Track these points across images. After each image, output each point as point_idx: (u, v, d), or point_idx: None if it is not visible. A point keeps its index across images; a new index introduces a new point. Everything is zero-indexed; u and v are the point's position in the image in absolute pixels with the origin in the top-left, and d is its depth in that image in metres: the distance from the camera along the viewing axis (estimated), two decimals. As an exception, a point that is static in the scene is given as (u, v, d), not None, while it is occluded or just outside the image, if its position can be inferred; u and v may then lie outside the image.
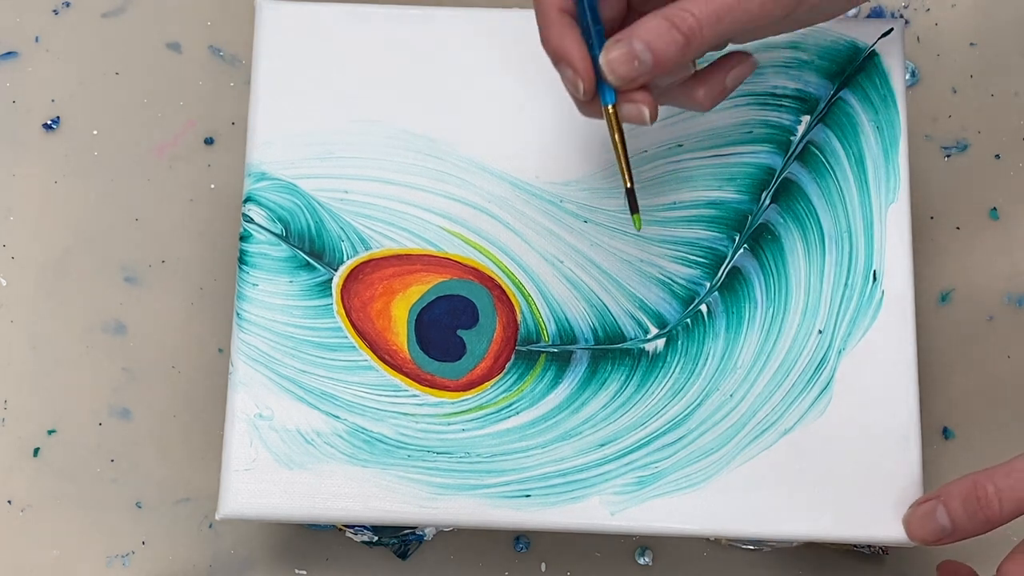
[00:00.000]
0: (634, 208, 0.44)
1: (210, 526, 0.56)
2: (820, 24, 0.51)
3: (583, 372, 0.49)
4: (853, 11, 0.60)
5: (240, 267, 0.50)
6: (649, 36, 0.41)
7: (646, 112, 0.42)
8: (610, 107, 0.43)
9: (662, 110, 0.51)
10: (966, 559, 0.49)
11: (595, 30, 0.42)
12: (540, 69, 0.46)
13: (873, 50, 0.51)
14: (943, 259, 0.58)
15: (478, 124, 0.51)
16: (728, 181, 0.51)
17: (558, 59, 0.43)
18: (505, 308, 0.50)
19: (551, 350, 0.49)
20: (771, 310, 0.49)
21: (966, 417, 0.57)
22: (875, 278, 0.50)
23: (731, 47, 0.45)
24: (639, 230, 0.46)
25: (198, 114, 0.60)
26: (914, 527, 0.46)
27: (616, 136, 0.43)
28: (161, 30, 0.61)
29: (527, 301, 0.50)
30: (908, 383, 0.49)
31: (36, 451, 0.57)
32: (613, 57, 0.41)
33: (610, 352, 0.49)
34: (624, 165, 0.44)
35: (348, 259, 0.50)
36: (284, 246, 0.50)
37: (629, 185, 0.44)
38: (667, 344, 0.49)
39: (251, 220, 0.50)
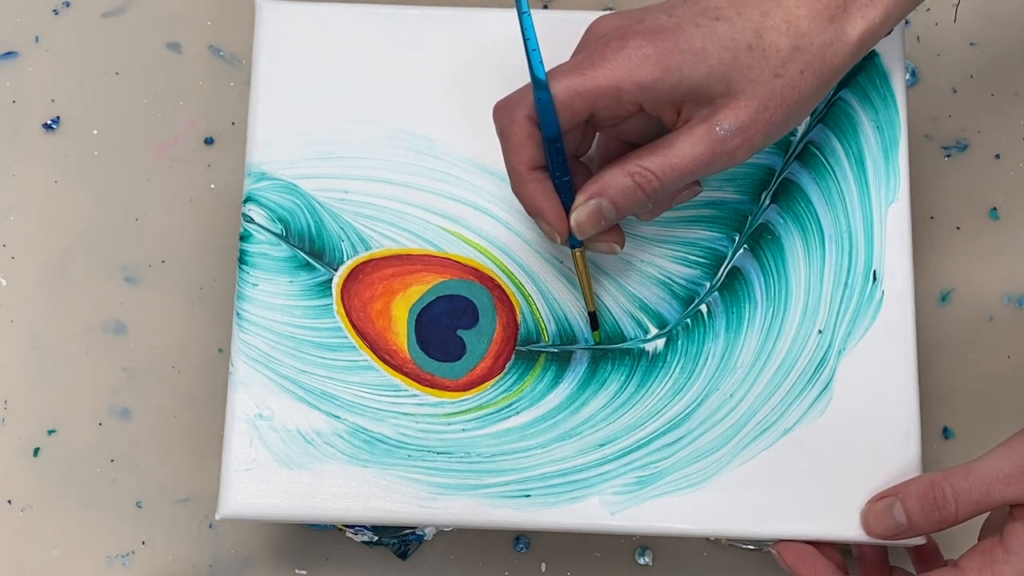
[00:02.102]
0: (594, 327, 0.49)
1: (210, 526, 0.56)
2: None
3: (583, 372, 0.49)
4: None
5: (240, 267, 0.50)
6: (616, 196, 0.44)
7: (615, 247, 0.47)
8: (577, 251, 0.47)
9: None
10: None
11: (563, 185, 0.45)
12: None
13: (873, 50, 0.51)
14: (943, 259, 0.58)
15: (478, 124, 0.51)
16: (728, 181, 0.51)
17: (533, 214, 0.46)
18: (505, 308, 0.50)
19: (551, 350, 0.49)
20: (771, 310, 0.49)
21: (966, 417, 0.57)
22: (875, 278, 0.50)
23: None
24: (598, 343, 0.49)
25: (198, 114, 0.60)
26: (871, 522, 0.47)
27: (582, 272, 0.48)
28: (161, 30, 0.61)
29: (527, 301, 0.50)
30: (908, 383, 0.49)
31: (36, 451, 0.57)
32: (583, 220, 0.45)
33: (610, 352, 0.49)
34: (588, 294, 0.48)
35: (348, 259, 0.50)
36: (284, 246, 0.50)
37: (592, 310, 0.49)
38: (667, 344, 0.49)
39: (251, 220, 0.50)
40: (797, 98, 0.44)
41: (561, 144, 0.44)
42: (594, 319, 0.49)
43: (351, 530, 0.54)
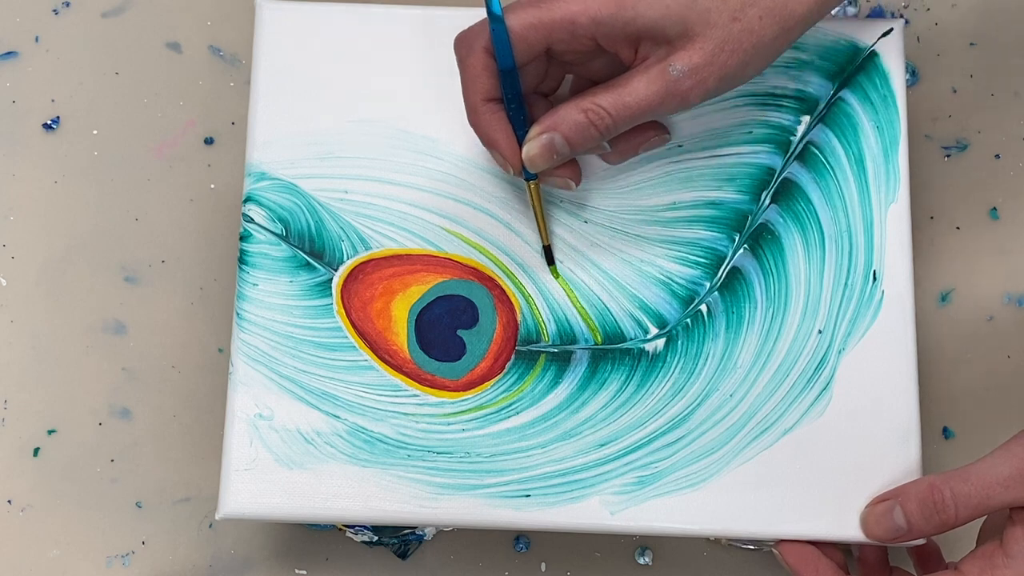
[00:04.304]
0: (550, 261, 0.50)
1: (210, 526, 0.56)
2: (820, 24, 0.51)
3: (583, 372, 0.49)
4: (838, 10, 0.60)
5: (240, 267, 0.50)
6: (568, 132, 0.45)
7: (570, 183, 0.48)
8: (531, 183, 0.48)
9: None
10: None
11: (517, 119, 0.46)
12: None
13: (873, 50, 0.51)
14: (943, 259, 0.58)
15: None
16: (728, 181, 0.51)
17: (487, 145, 0.47)
18: (505, 308, 0.50)
19: (551, 350, 0.49)
20: (771, 310, 0.49)
21: (966, 417, 0.57)
22: (875, 278, 0.50)
23: None
24: (557, 279, 0.50)
25: (198, 114, 0.60)
26: (871, 525, 0.47)
27: (535, 205, 0.49)
28: (161, 30, 0.61)
29: (527, 301, 0.50)
30: (908, 383, 0.49)
31: (36, 451, 0.57)
32: (535, 153, 0.46)
33: (610, 352, 0.49)
34: (542, 227, 0.49)
35: (348, 259, 0.50)
36: (284, 246, 0.50)
37: (546, 243, 0.50)
38: (667, 344, 0.49)
39: (251, 220, 0.50)
40: (755, 43, 0.44)
41: (516, 76, 0.45)
42: (549, 253, 0.49)
43: (351, 530, 0.54)
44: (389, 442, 0.48)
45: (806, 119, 0.51)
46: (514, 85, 0.45)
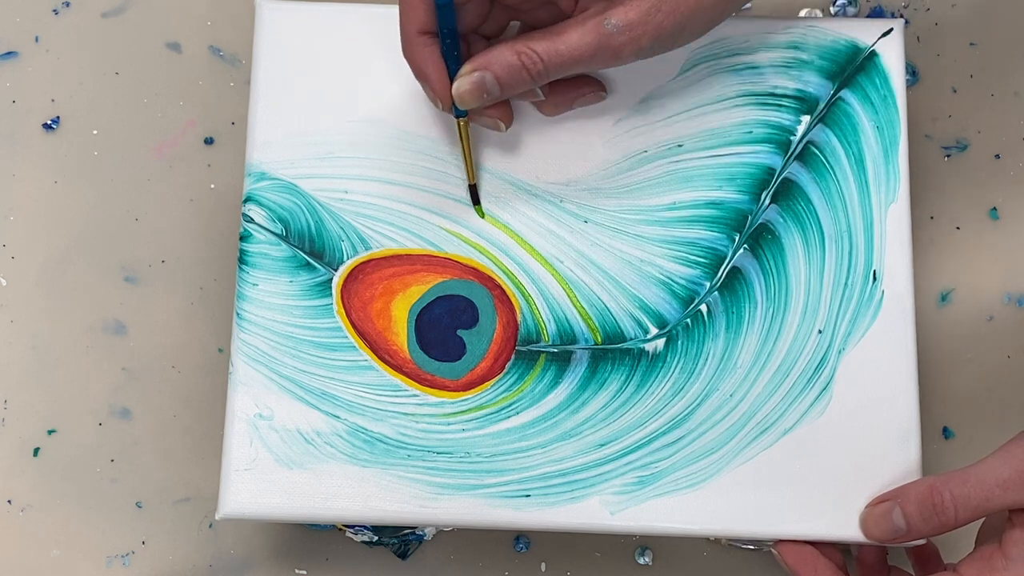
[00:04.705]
0: (475, 200, 0.50)
1: (210, 526, 0.56)
2: (820, 24, 0.51)
3: (583, 372, 0.49)
4: (838, 9, 0.60)
5: (240, 267, 0.50)
6: (499, 72, 0.45)
7: (500, 124, 0.48)
8: (460, 120, 0.48)
9: (662, 110, 0.51)
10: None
11: (451, 54, 0.46)
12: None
13: (873, 50, 0.51)
14: (943, 259, 0.58)
15: (478, 124, 0.51)
16: (728, 181, 0.51)
17: (418, 78, 0.47)
18: (505, 308, 0.50)
19: (551, 350, 0.49)
20: (771, 310, 0.49)
21: (966, 417, 0.57)
22: (875, 278, 0.50)
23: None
24: (483, 218, 0.50)
25: (198, 114, 0.60)
26: (870, 526, 0.47)
27: (464, 143, 0.49)
28: (161, 30, 0.61)
29: (527, 301, 0.50)
30: (908, 383, 0.49)
31: (36, 451, 0.57)
32: (464, 90, 0.46)
33: (610, 352, 0.49)
34: (468, 165, 0.50)
35: (348, 259, 0.50)
36: (284, 246, 0.50)
37: (472, 182, 0.50)
38: (667, 344, 0.49)
39: (251, 220, 0.50)
40: (693, 8, 0.45)
41: (451, 11, 0.45)
42: (474, 192, 0.50)
43: (351, 530, 0.54)
44: (389, 442, 0.48)
45: (806, 119, 0.51)
46: (449, 20, 0.45)
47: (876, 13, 0.61)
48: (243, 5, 0.61)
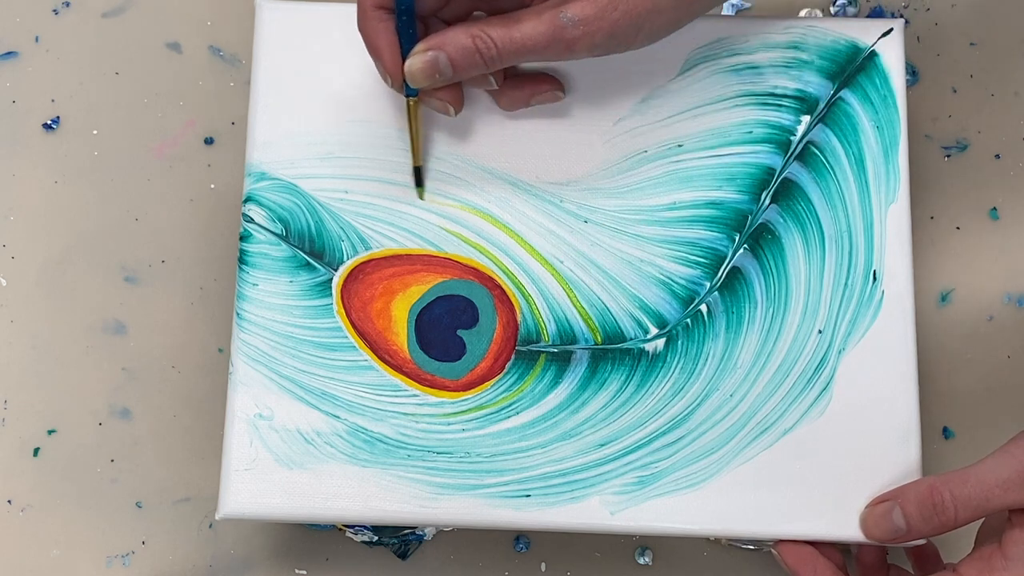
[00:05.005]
0: (419, 183, 0.50)
1: (210, 526, 0.56)
2: (820, 24, 0.51)
3: (583, 372, 0.49)
4: (838, 9, 0.60)
5: (240, 267, 0.50)
6: (453, 53, 0.45)
7: (450, 108, 0.48)
8: (411, 100, 0.48)
9: (662, 110, 0.51)
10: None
11: (405, 32, 0.46)
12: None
13: (873, 50, 0.51)
14: (943, 259, 0.58)
15: (478, 124, 0.51)
16: (728, 181, 0.51)
17: (371, 52, 0.47)
18: (505, 308, 0.50)
19: (551, 350, 0.49)
20: (771, 310, 0.49)
21: (966, 417, 0.57)
22: (875, 278, 0.50)
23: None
24: (423, 200, 0.50)
25: (198, 114, 0.60)
26: (870, 526, 0.47)
27: (412, 123, 0.49)
28: (161, 30, 0.61)
29: (527, 301, 0.50)
30: (908, 383, 0.49)
31: (36, 451, 0.57)
32: (417, 68, 0.46)
33: (610, 352, 0.49)
34: (415, 146, 0.49)
35: (348, 259, 0.50)
36: (284, 246, 0.50)
37: (417, 164, 0.50)
38: (667, 344, 0.49)
39: (251, 220, 0.50)
40: (649, 9, 0.45)
41: None
42: (419, 174, 0.50)
43: (351, 530, 0.54)
44: (389, 442, 0.48)
45: (806, 119, 0.51)
46: None
47: (876, 13, 0.61)
48: (243, 5, 0.61)
